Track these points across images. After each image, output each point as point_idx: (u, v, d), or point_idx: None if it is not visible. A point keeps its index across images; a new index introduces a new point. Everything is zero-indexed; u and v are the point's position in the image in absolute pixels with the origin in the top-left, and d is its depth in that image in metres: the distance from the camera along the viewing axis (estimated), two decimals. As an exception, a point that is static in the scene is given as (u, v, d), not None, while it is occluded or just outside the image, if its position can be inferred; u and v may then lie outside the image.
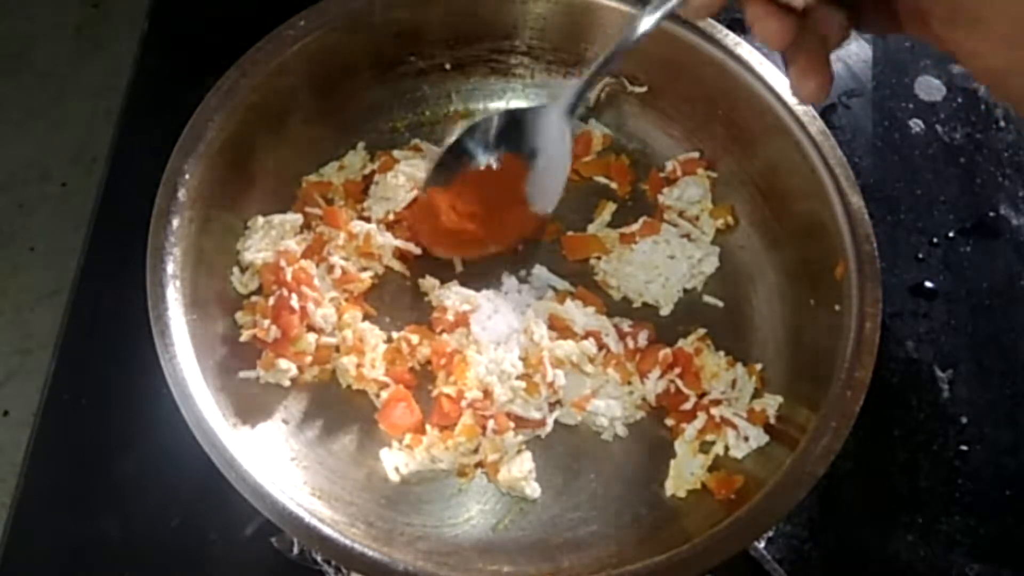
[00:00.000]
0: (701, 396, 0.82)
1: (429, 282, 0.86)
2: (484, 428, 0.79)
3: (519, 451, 0.80)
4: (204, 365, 0.73)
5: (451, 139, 0.83)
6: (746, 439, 0.79)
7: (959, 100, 1.03)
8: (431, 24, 0.89)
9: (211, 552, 0.79)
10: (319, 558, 0.76)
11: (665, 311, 0.88)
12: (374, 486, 0.78)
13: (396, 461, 0.79)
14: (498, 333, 0.83)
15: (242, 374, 0.79)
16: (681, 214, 0.91)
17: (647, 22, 0.70)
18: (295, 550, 0.77)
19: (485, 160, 0.83)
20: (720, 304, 0.88)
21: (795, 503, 0.70)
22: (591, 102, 0.95)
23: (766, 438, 0.79)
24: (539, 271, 0.89)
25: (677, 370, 0.82)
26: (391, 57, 0.91)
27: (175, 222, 0.75)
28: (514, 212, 0.85)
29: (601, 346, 0.83)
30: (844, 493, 0.83)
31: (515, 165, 0.83)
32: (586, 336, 0.83)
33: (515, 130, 0.82)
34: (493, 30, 0.91)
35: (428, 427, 0.80)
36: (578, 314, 0.84)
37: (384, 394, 0.81)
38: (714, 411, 0.80)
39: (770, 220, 0.88)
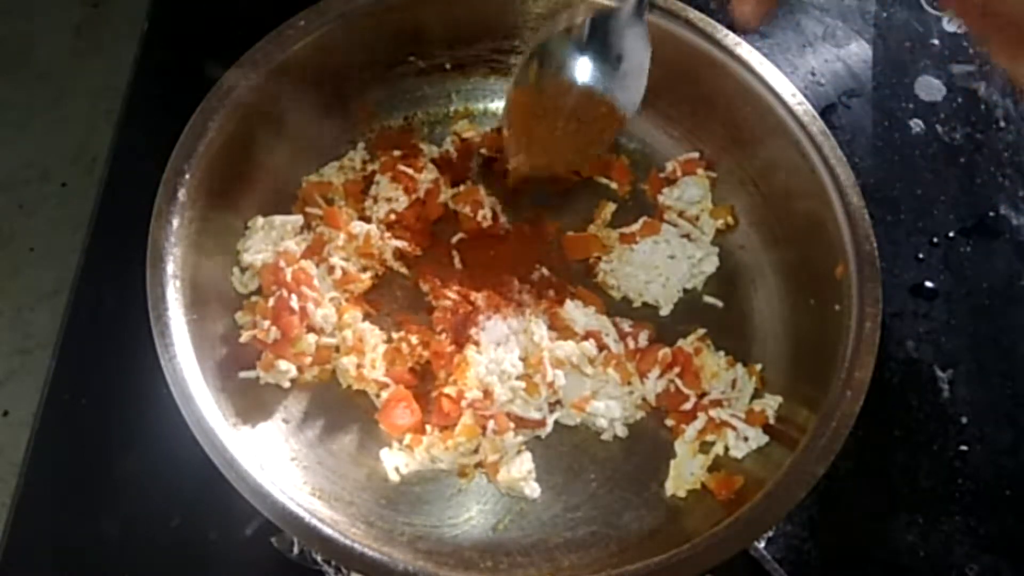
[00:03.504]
0: (701, 396, 0.82)
1: (429, 282, 0.86)
2: (484, 428, 0.79)
3: (519, 451, 0.80)
4: (204, 365, 0.73)
5: (538, 42, 0.81)
6: (746, 439, 0.79)
7: (959, 100, 1.03)
8: (431, 24, 0.89)
9: (211, 552, 0.79)
10: (319, 558, 0.76)
11: (665, 311, 0.88)
12: (374, 486, 0.78)
13: (396, 461, 0.79)
14: (498, 333, 0.83)
15: (242, 374, 0.79)
16: (681, 214, 0.91)
17: None
18: (295, 550, 0.77)
19: (572, 66, 0.80)
20: (720, 304, 0.88)
21: (795, 503, 0.70)
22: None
23: (766, 438, 0.79)
24: (539, 271, 0.88)
25: (677, 370, 0.82)
26: (391, 57, 0.91)
27: (175, 222, 0.75)
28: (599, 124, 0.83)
29: (601, 346, 0.83)
30: (844, 493, 0.83)
31: (594, 100, 0.81)
32: (586, 336, 0.83)
33: (599, 37, 0.80)
34: (493, 30, 0.91)
35: (428, 427, 0.80)
36: (578, 314, 0.84)
37: (384, 394, 0.81)
38: (713, 412, 0.80)
39: (770, 220, 0.88)
